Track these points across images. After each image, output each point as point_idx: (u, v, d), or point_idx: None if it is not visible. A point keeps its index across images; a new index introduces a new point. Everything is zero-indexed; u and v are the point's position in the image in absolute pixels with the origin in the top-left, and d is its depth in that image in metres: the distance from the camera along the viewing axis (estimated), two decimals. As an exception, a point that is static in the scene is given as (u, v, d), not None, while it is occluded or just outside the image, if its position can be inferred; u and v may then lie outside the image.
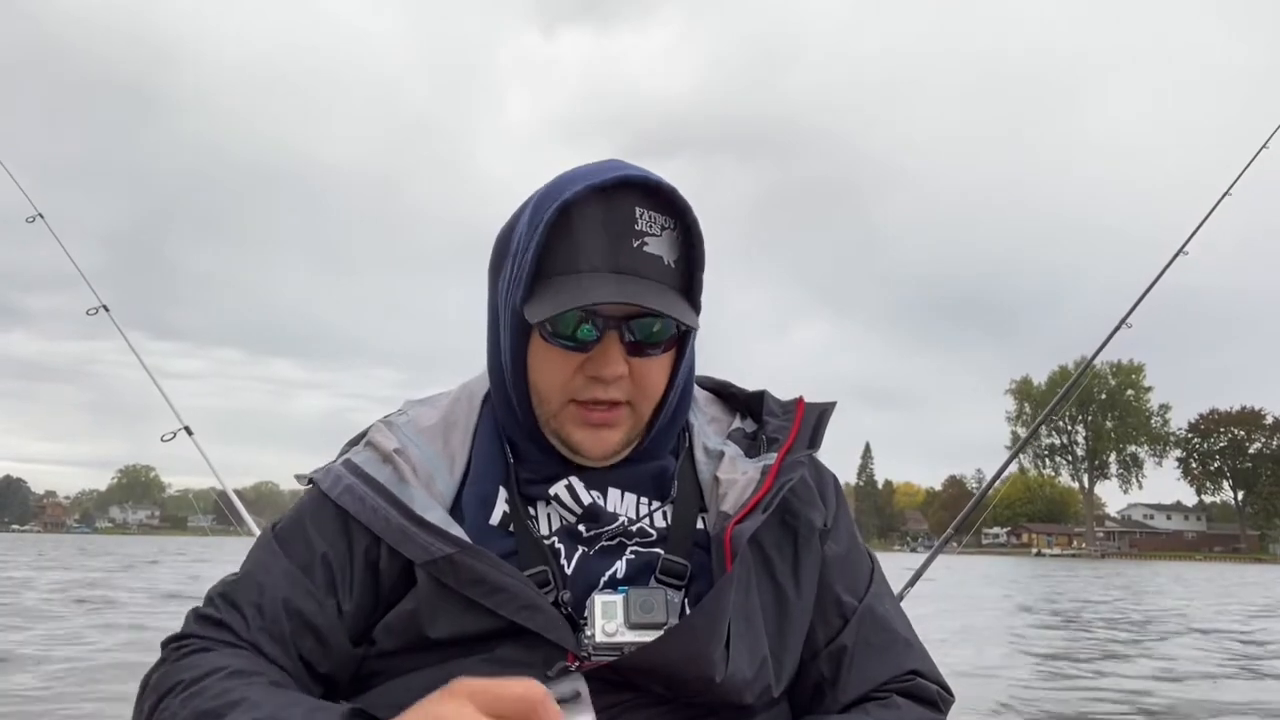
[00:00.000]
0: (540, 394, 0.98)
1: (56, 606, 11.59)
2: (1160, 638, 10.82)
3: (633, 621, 0.91)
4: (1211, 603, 18.22)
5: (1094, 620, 13.14)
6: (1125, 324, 2.54)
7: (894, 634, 1.02)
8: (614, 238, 0.92)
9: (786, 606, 0.98)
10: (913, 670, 1.00)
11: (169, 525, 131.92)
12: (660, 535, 0.99)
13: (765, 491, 0.97)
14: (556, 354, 0.95)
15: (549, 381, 0.97)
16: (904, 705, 0.97)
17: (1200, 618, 13.97)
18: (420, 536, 0.94)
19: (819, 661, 1.00)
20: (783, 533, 0.99)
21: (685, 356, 1.01)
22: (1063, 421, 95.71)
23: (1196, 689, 6.90)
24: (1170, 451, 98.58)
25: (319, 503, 1.01)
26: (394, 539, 0.95)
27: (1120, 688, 6.85)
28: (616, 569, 0.96)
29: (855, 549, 1.06)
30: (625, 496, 1.01)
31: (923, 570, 2.36)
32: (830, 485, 1.08)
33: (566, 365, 0.95)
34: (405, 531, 0.95)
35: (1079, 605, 16.47)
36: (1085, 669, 8.01)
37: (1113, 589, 23.11)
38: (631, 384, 0.96)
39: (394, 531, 0.95)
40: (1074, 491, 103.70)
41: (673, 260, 0.95)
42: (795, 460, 1.01)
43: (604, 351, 0.94)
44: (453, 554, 0.92)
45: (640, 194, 0.93)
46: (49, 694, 5.57)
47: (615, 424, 0.97)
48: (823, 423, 1.06)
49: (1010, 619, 13.16)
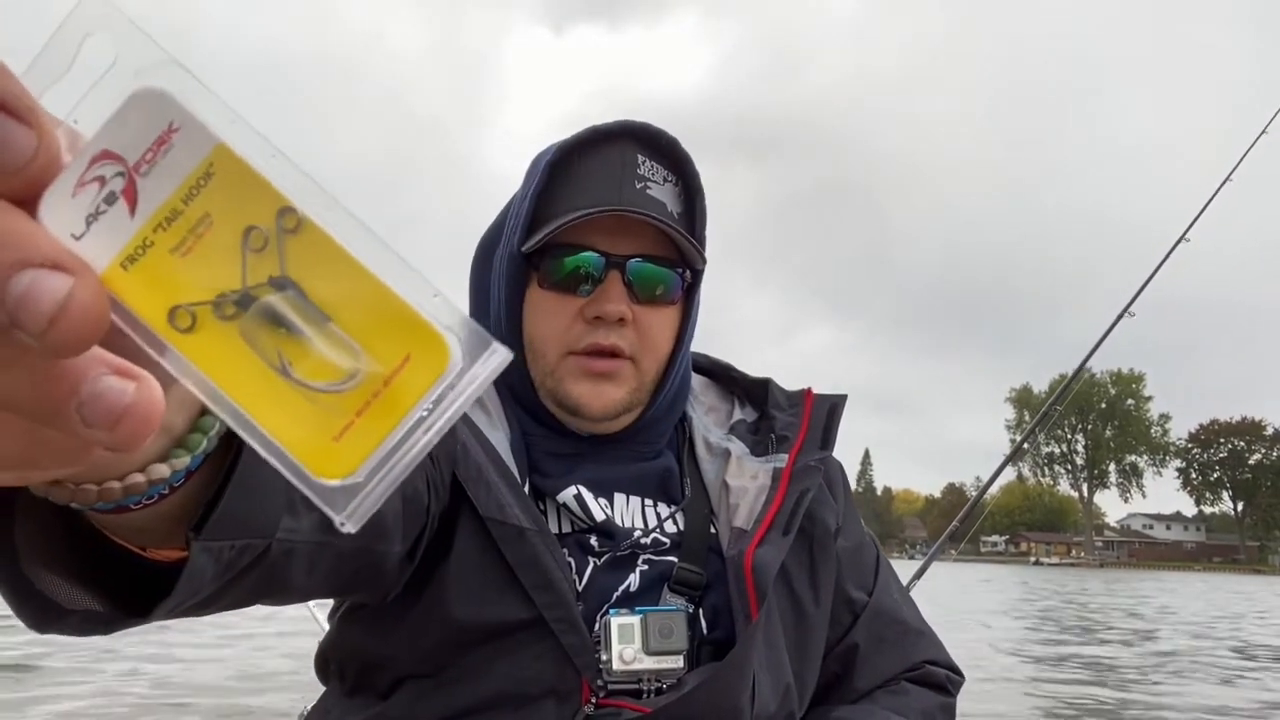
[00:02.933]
0: (537, 348, 0.92)
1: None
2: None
3: (652, 648, 0.85)
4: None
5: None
6: (1128, 313, 2.52)
7: (905, 625, 1.01)
8: (616, 178, 0.88)
9: (806, 622, 0.95)
10: (924, 660, 0.99)
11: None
12: (673, 542, 0.93)
13: (779, 504, 0.92)
14: (554, 300, 0.90)
15: (546, 331, 0.91)
16: (912, 690, 0.96)
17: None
18: (504, 494, 0.85)
19: (830, 659, 0.98)
20: (799, 541, 0.95)
21: (691, 317, 0.95)
22: (1062, 430, 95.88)
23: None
24: (1170, 461, 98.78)
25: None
26: (467, 474, 0.84)
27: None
28: (630, 583, 0.91)
29: (862, 541, 1.04)
30: (631, 501, 0.95)
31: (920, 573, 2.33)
32: (839, 478, 1.05)
33: (565, 311, 0.90)
34: (485, 476, 0.85)
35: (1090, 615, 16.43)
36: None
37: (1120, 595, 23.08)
38: (635, 334, 0.91)
39: (470, 467, 0.85)
40: (1073, 500, 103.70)
41: (676, 211, 0.91)
42: (808, 465, 0.95)
43: (605, 291, 0.89)
44: (527, 529, 0.84)
45: (641, 142, 0.91)
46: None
47: (617, 376, 0.91)
48: (834, 419, 1.01)
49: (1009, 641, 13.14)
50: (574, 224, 0.86)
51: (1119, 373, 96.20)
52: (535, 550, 0.84)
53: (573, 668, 0.83)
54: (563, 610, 0.83)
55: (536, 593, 0.83)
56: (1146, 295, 2.49)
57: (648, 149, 0.91)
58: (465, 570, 0.83)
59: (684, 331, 0.95)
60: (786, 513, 0.92)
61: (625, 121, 0.90)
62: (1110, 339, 2.49)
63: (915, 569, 2.37)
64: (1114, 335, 2.49)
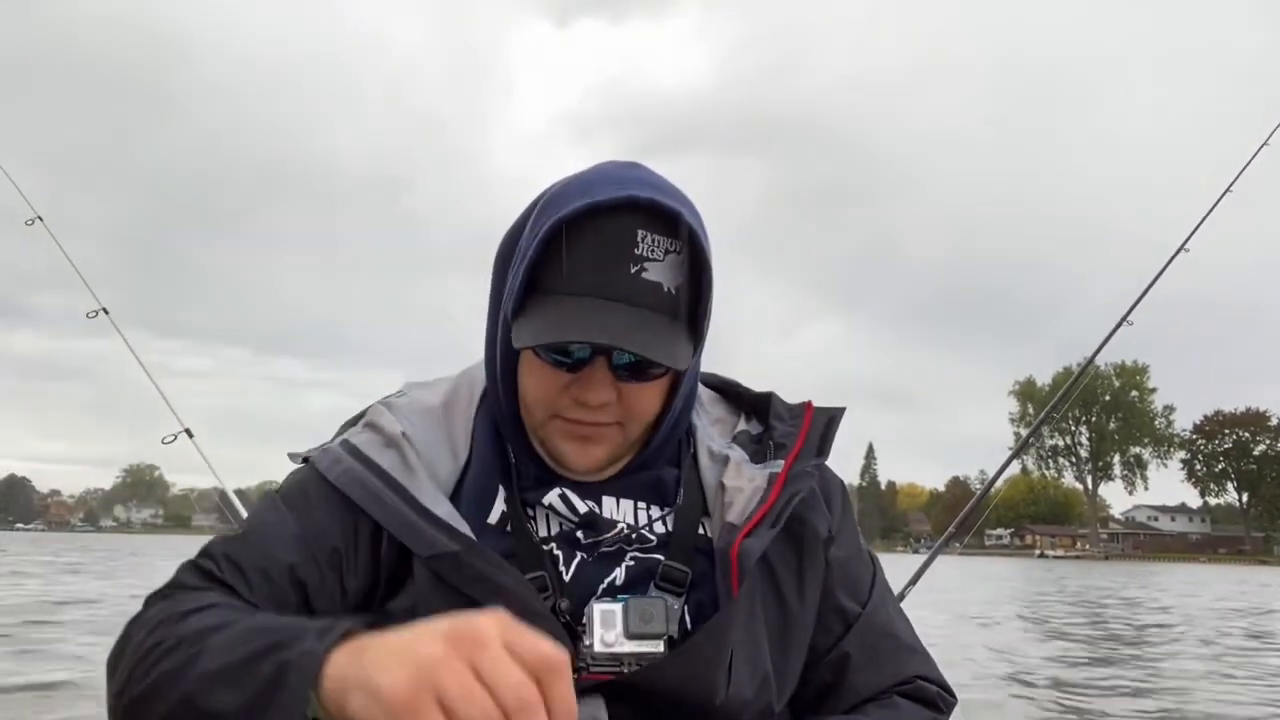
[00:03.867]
0: (527, 405, 0.97)
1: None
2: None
3: (632, 631, 0.89)
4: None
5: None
6: (1126, 322, 2.55)
7: (897, 640, 1.02)
8: (609, 262, 0.88)
9: (790, 620, 0.97)
10: (915, 676, 1.00)
11: (173, 524, 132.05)
12: (660, 541, 0.97)
13: (772, 502, 0.96)
14: (545, 369, 0.93)
15: (535, 395, 0.95)
16: (903, 705, 0.97)
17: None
18: (426, 530, 0.92)
19: (821, 668, 1.00)
20: (787, 543, 0.98)
21: (685, 379, 0.98)
22: (1066, 423, 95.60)
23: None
24: (1174, 453, 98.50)
25: (315, 483, 0.97)
26: (397, 529, 0.92)
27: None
28: (615, 576, 0.95)
29: (858, 555, 1.06)
30: (621, 503, 0.99)
31: (923, 570, 2.36)
32: (836, 491, 1.07)
33: (554, 382, 0.93)
34: (410, 524, 0.92)
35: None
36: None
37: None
38: (621, 408, 0.94)
39: (397, 522, 0.92)
40: (1077, 493, 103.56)
41: (674, 286, 0.90)
42: (803, 470, 0.99)
43: (590, 376, 0.91)
44: (458, 551, 0.90)
45: (646, 215, 0.88)
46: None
47: (601, 439, 0.96)
48: (831, 429, 1.04)
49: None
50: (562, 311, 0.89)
51: (1123, 365, 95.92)
52: (473, 566, 0.90)
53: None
54: (523, 604, 0.87)
55: (491, 599, 0.86)
56: (1147, 306, 2.52)
57: (652, 220, 0.88)
58: (425, 606, 0.89)
59: (678, 386, 0.98)
60: (776, 511, 0.96)
61: (628, 195, 0.87)
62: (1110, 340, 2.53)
63: (919, 563, 2.39)
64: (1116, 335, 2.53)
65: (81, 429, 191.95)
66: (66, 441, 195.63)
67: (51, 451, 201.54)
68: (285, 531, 0.92)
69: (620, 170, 0.93)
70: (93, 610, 10.22)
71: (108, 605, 10.68)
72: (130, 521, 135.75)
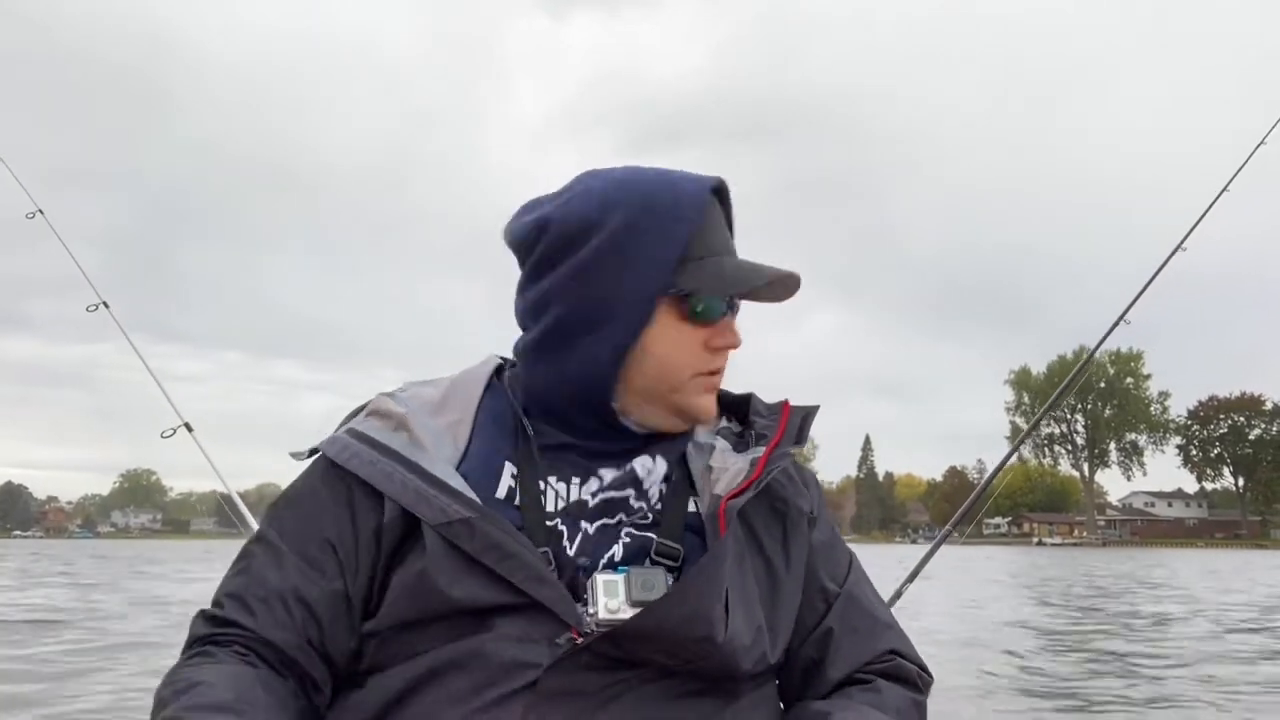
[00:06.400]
0: (664, 371, 1.02)
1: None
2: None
3: (634, 599, 0.93)
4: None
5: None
6: (1124, 320, 2.54)
7: (875, 618, 1.08)
8: (724, 229, 1.05)
9: (777, 580, 1.02)
10: (892, 650, 1.06)
11: (171, 529, 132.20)
12: (654, 520, 1.02)
13: (756, 476, 1.02)
14: (689, 331, 1.02)
15: (679, 359, 1.02)
16: (885, 687, 1.02)
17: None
18: (438, 498, 0.95)
19: (807, 646, 1.05)
20: (771, 516, 1.05)
21: None
22: (1062, 411, 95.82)
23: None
24: (1170, 439, 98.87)
25: (319, 479, 1.01)
26: (408, 500, 0.95)
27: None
28: (614, 553, 0.98)
29: (836, 540, 1.13)
30: (620, 477, 1.03)
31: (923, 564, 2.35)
32: (812, 481, 1.15)
33: (694, 340, 1.03)
34: (421, 493, 0.95)
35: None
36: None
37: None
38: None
39: (409, 493, 0.96)
40: (1074, 480, 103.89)
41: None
42: (784, 453, 1.06)
43: (729, 326, 1.05)
44: (471, 517, 0.93)
45: (717, 193, 1.06)
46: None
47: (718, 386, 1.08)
48: (807, 423, 1.11)
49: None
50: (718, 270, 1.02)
51: (1118, 352, 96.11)
52: (486, 532, 0.93)
53: (558, 621, 0.91)
54: (531, 572, 0.92)
55: (502, 566, 0.92)
56: (1144, 300, 2.52)
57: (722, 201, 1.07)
58: (437, 571, 0.92)
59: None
60: (760, 483, 1.02)
61: (716, 178, 1.05)
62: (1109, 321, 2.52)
63: (918, 553, 2.39)
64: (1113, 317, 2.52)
65: (79, 435, 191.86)
66: (64, 448, 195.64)
67: (49, 458, 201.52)
68: (284, 557, 0.97)
69: (669, 171, 1.06)
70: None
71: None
72: (128, 527, 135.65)
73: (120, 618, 10.78)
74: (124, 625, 9.97)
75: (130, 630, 9.46)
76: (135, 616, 10.95)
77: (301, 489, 1.02)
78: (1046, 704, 5.89)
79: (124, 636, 8.89)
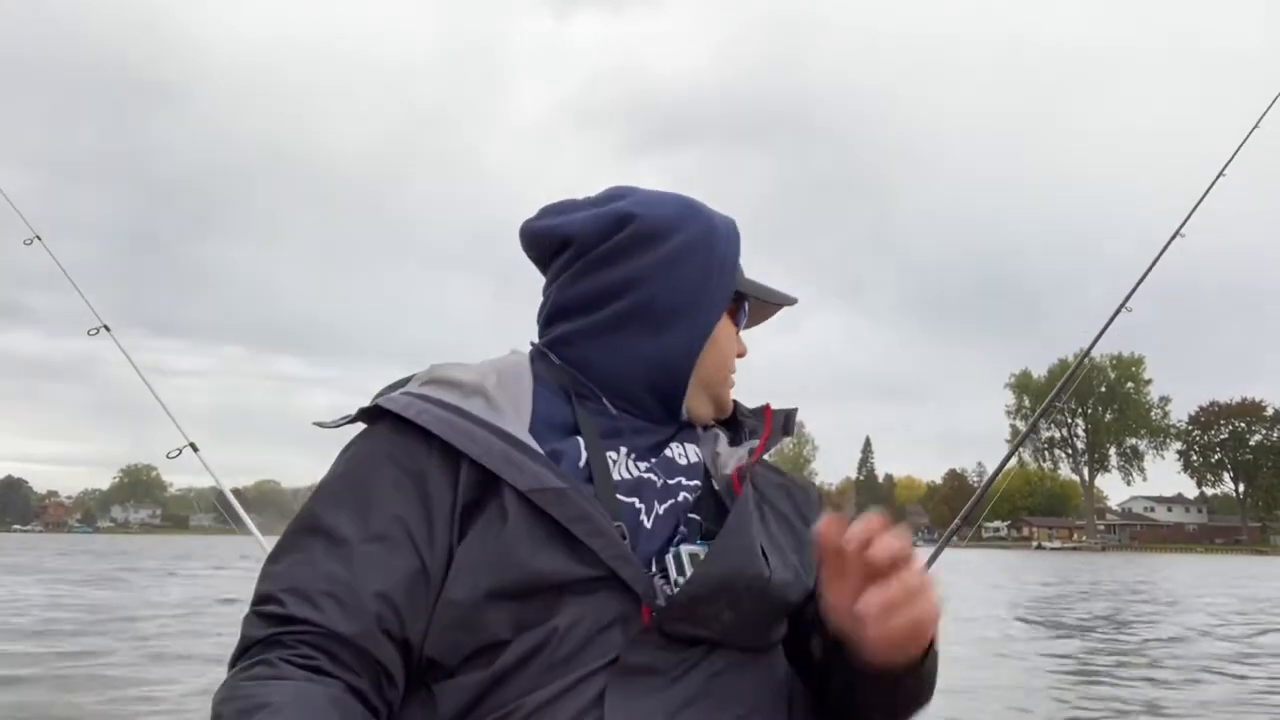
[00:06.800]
0: (720, 364, 1.11)
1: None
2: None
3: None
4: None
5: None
6: (1125, 308, 2.54)
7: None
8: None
9: (797, 534, 1.08)
10: None
11: (170, 524, 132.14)
12: (694, 501, 1.04)
13: (758, 455, 1.10)
14: (733, 333, 1.13)
15: (729, 355, 1.13)
16: None
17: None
18: (529, 464, 0.92)
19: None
20: (779, 491, 1.12)
21: None
22: (1062, 415, 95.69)
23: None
24: (1170, 444, 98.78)
25: (380, 445, 0.94)
26: (495, 464, 0.91)
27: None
28: (682, 532, 1.00)
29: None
30: (688, 448, 1.08)
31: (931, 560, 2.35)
32: (810, 486, 1.19)
33: (735, 342, 1.14)
34: (510, 458, 0.92)
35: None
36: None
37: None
38: None
39: (495, 457, 0.92)
40: (1074, 484, 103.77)
41: None
42: (775, 440, 1.14)
43: (744, 332, 1.17)
44: (564, 487, 0.92)
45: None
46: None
47: None
48: (791, 419, 1.18)
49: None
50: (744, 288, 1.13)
51: (1119, 356, 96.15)
52: (578, 503, 0.92)
53: (633, 598, 0.91)
54: (616, 549, 0.91)
55: (591, 539, 0.91)
56: (1146, 293, 2.52)
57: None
58: (518, 536, 0.89)
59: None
60: (766, 453, 1.11)
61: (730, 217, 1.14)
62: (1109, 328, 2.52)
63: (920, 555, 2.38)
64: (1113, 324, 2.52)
65: (79, 430, 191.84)
66: (64, 442, 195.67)
67: (49, 452, 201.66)
68: (349, 544, 0.88)
69: (687, 198, 1.14)
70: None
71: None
72: (128, 522, 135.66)
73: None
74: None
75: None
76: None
77: (359, 458, 0.94)
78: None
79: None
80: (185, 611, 12.84)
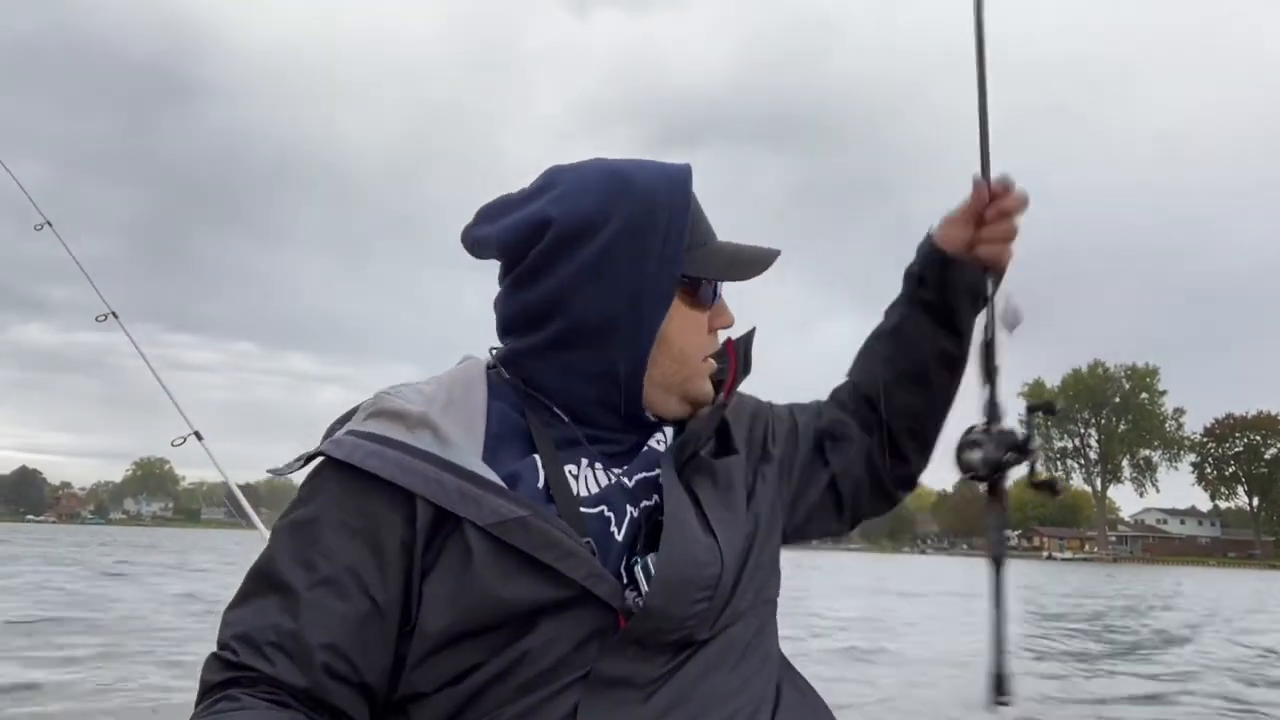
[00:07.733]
0: (682, 359, 1.03)
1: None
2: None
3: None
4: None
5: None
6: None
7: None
8: (703, 216, 1.04)
9: (756, 469, 1.10)
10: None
11: (183, 517, 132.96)
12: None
13: (727, 395, 1.06)
14: (697, 317, 1.03)
15: (694, 343, 1.04)
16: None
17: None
18: (486, 497, 0.89)
19: (823, 425, 1.21)
20: (740, 428, 1.11)
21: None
22: (1075, 424, 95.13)
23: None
24: (1185, 456, 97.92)
25: (327, 490, 0.92)
26: (450, 501, 0.89)
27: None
28: (641, 532, 0.98)
29: (789, 412, 1.21)
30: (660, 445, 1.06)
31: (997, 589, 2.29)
32: (749, 405, 1.18)
33: (702, 326, 1.05)
34: (466, 493, 0.89)
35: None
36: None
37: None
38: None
39: (449, 494, 0.89)
40: (1086, 495, 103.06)
41: None
42: (736, 388, 1.08)
43: (723, 305, 1.08)
44: (525, 515, 0.89)
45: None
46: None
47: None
48: (749, 349, 1.09)
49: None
50: (704, 255, 1.02)
51: (1133, 367, 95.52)
52: (542, 530, 0.89)
53: (607, 611, 0.90)
54: (588, 567, 0.89)
55: (561, 563, 0.88)
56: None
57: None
58: (485, 570, 0.88)
59: None
60: (715, 418, 1.05)
61: (688, 164, 1.03)
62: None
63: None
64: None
65: (93, 422, 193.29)
66: (77, 434, 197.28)
67: (62, 444, 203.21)
68: (303, 592, 0.88)
69: (634, 159, 1.04)
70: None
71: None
72: (140, 514, 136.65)
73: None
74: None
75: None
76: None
77: (308, 506, 0.93)
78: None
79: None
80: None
